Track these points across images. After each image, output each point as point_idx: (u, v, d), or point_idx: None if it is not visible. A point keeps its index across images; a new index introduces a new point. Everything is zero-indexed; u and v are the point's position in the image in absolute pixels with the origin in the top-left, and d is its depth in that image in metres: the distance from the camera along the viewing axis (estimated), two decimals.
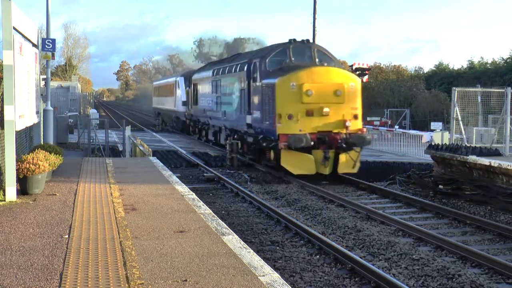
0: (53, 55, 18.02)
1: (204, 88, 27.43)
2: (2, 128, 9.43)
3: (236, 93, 21.19)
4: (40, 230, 7.25)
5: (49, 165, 10.39)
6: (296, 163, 16.71)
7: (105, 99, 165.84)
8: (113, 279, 5.36)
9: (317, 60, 18.64)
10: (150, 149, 19.30)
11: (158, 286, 5.20)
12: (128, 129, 22.68)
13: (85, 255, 6.15)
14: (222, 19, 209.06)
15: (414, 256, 9.38)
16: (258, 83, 18.70)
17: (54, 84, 46.30)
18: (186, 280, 5.36)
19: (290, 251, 9.82)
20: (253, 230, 11.32)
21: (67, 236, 6.98)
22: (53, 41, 17.92)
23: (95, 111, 45.03)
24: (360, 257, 9.02)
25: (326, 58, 18.94)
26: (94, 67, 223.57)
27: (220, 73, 24.04)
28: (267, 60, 18.69)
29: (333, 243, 9.69)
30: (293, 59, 18.58)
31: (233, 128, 22.12)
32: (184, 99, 34.48)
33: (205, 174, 18.32)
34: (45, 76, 19.34)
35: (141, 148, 20.12)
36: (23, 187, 9.76)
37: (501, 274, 8.45)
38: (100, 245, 6.56)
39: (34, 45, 12.40)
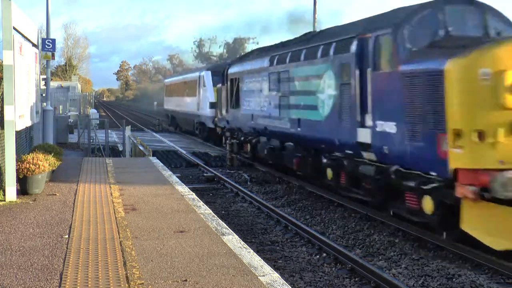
0: (53, 55, 18.06)
1: (252, 85, 19.22)
2: (2, 128, 9.44)
3: (327, 91, 13.26)
4: (40, 230, 7.25)
5: (49, 165, 10.40)
6: (498, 229, 8.87)
7: (105, 99, 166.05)
8: (113, 279, 5.36)
9: (492, 31, 10.94)
10: (150, 149, 19.32)
11: (158, 286, 5.20)
12: (128, 129, 22.70)
13: (85, 255, 6.15)
14: (223, 19, 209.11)
15: (414, 256, 9.37)
16: (388, 72, 10.82)
17: (54, 84, 46.29)
18: (186, 280, 5.36)
19: (290, 251, 9.83)
20: (253, 230, 11.32)
21: (67, 236, 6.99)
22: (53, 41, 17.95)
23: (95, 111, 45.03)
24: (360, 257, 9.03)
25: (506, 28, 11.13)
26: (94, 67, 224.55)
27: (287, 60, 15.97)
28: (404, 31, 10.64)
29: (333, 243, 9.70)
30: (450, 28, 10.67)
31: (317, 147, 14.32)
32: (212, 99, 28.18)
33: (205, 174, 18.33)
34: (45, 76, 19.36)
35: (141, 148, 20.14)
36: (23, 187, 9.77)
37: (501, 274, 8.45)
38: (100, 245, 6.57)
39: (34, 45, 12.42)
